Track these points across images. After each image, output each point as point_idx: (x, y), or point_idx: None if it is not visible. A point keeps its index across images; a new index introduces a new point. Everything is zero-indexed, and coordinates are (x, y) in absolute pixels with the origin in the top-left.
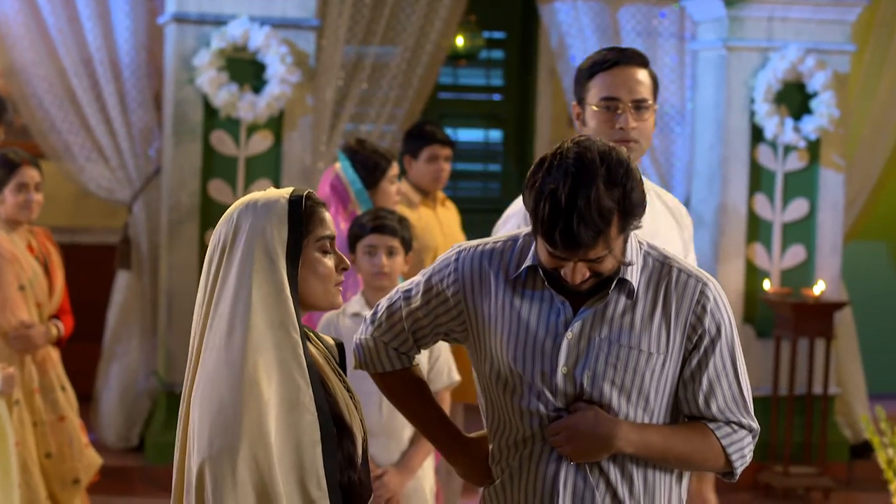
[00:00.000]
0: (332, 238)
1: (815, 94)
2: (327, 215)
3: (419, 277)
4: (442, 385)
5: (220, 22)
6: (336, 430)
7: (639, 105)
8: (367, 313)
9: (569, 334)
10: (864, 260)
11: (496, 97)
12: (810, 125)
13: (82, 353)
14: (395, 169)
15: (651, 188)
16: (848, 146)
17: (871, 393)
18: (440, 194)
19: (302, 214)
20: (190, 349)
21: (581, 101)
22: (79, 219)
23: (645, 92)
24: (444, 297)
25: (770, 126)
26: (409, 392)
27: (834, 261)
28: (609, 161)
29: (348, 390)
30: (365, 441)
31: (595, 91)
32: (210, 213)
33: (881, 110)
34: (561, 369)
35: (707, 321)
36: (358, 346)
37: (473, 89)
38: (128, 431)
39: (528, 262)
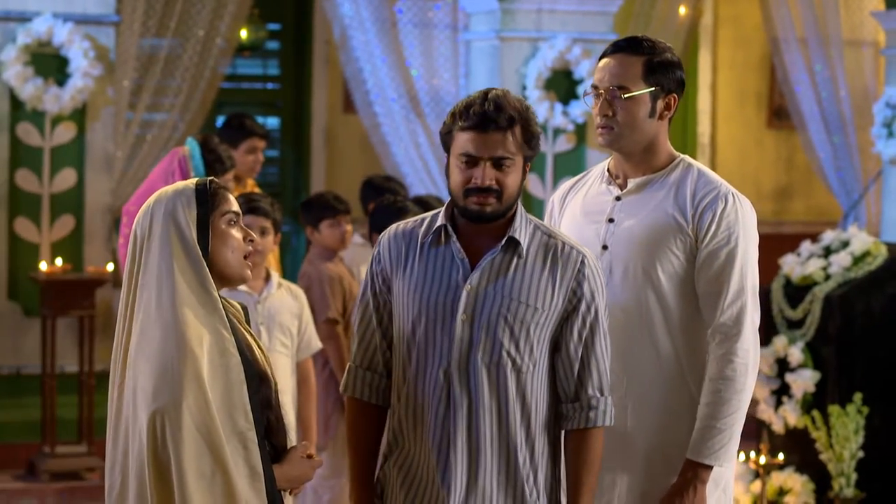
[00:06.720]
0: (237, 214)
1: (581, 81)
2: (231, 197)
3: (361, 285)
4: (309, 353)
5: (24, 19)
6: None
7: (612, 93)
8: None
9: (468, 286)
10: None
11: (270, 86)
12: (577, 110)
13: None
14: (231, 174)
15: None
16: None
17: None
18: (250, 181)
19: (207, 193)
20: (118, 322)
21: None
22: None
23: (622, 79)
24: (381, 279)
25: (540, 111)
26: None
27: None
28: (510, 93)
29: (259, 347)
30: (276, 390)
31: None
32: (18, 201)
33: None
34: (460, 317)
35: (585, 286)
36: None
37: (250, 78)
38: None
39: (439, 222)
